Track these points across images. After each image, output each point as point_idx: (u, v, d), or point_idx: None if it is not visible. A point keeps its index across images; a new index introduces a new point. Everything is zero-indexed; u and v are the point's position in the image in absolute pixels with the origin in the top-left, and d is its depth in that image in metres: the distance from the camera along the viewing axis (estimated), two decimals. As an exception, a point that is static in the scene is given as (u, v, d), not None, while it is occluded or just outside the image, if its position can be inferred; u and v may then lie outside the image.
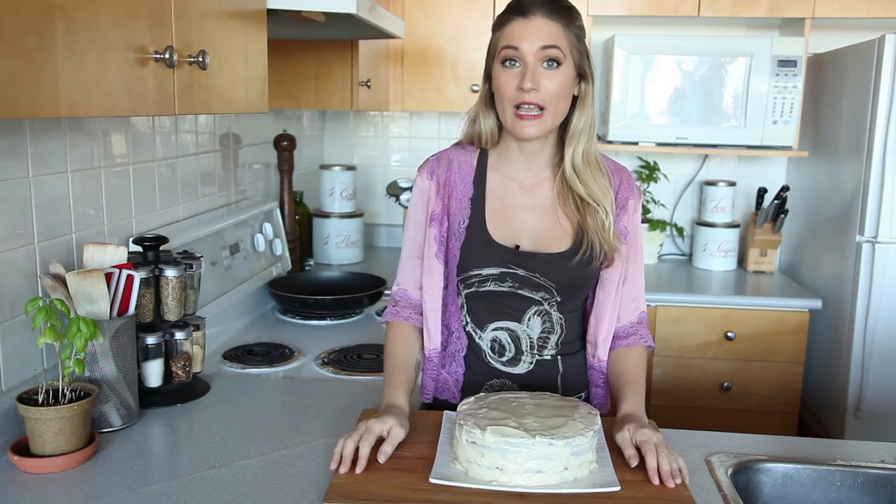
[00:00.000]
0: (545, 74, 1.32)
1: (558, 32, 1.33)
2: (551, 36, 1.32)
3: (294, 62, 2.47)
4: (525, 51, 1.32)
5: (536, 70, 1.32)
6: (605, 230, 1.39)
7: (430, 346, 1.47)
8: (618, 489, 1.14)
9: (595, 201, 1.39)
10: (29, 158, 1.41)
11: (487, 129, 1.44)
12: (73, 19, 1.00)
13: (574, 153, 1.39)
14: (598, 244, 1.40)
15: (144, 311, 1.56)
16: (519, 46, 1.32)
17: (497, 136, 1.45)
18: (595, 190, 1.39)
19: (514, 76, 1.33)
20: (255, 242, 2.34)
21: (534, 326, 1.44)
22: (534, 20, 1.32)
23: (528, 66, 1.32)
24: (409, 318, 1.48)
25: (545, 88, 1.32)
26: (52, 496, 1.20)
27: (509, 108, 1.34)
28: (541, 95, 1.32)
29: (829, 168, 2.81)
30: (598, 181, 1.40)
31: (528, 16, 1.32)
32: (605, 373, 1.48)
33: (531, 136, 1.35)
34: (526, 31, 1.32)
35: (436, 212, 1.45)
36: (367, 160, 3.42)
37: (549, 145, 1.43)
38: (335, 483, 1.16)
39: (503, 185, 1.45)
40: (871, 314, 2.51)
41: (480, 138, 1.46)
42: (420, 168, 1.49)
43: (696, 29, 3.15)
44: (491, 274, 1.41)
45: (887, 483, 1.34)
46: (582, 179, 1.39)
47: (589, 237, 1.40)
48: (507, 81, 1.34)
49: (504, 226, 1.43)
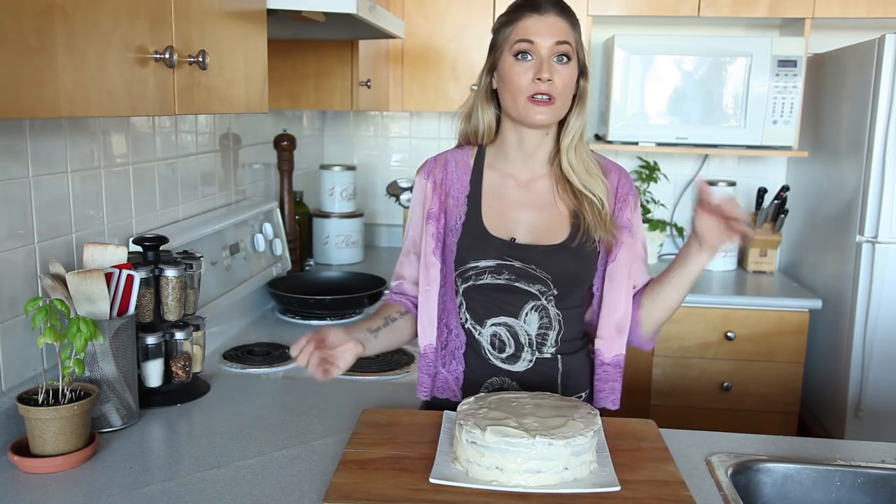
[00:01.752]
0: (556, 68, 1.38)
1: (568, 30, 1.39)
2: (564, 32, 1.39)
3: (294, 62, 2.47)
4: (540, 45, 1.37)
5: (550, 63, 1.38)
6: (602, 217, 1.43)
7: (425, 342, 1.50)
8: (618, 489, 1.14)
9: (591, 192, 1.43)
10: (29, 158, 1.41)
11: (485, 123, 1.48)
12: (73, 19, 1.00)
13: (570, 146, 1.44)
14: (594, 231, 1.43)
15: (144, 311, 1.56)
16: (535, 41, 1.37)
17: (494, 131, 1.49)
18: (587, 179, 1.43)
19: (528, 68, 1.38)
20: (255, 242, 2.34)
21: (531, 322, 1.45)
22: (548, 17, 1.38)
23: (543, 58, 1.37)
24: (407, 306, 1.54)
25: (557, 81, 1.38)
26: (52, 496, 1.20)
27: (522, 97, 1.38)
28: (553, 86, 1.37)
29: (829, 168, 2.81)
30: (591, 171, 1.45)
31: (542, 13, 1.39)
32: (622, 366, 1.50)
33: (542, 122, 1.39)
34: (541, 26, 1.38)
35: (432, 210, 1.48)
36: (367, 160, 3.42)
37: (547, 143, 1.46)
38: (335, 483, 1.16)
39: (500, 182, 1.48)
40: (871, 314, 2.51)
41: (477, 133, 1.49)
42: (419, 170, 1.53)
43: (696, 29, 3.15)
44: (487, 266, 1.43)
45: (887, 483, 1.34)
46: (576, 171, 1.44)
47: (586, 223, 1.43)
48: (522, 73, 1.38)
49: (500, 220, 1.46)
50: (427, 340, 1.49)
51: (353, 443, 1.30)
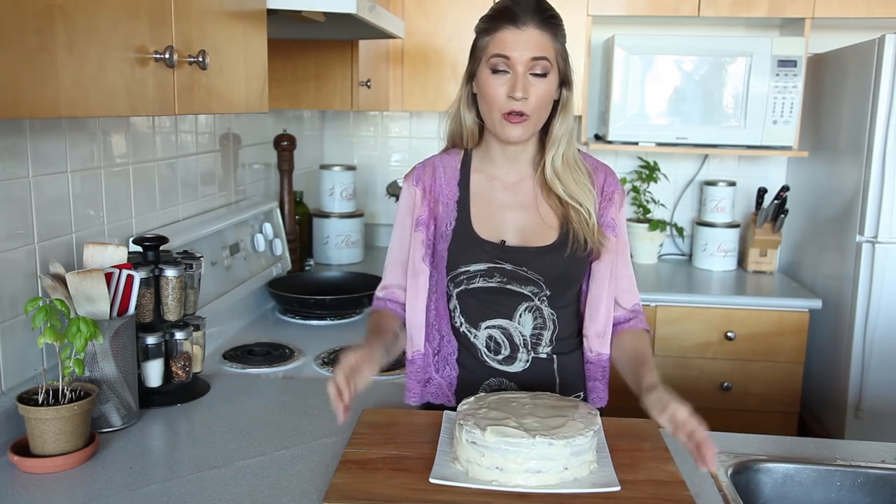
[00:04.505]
0: (533, 83, 1.35)
1: (547, 43, 1.36)
2: (542, 47, 1.35)
3: (294, 62, 2.47)
4: (516, 60, 1.34)
5: (525, 79, 1.34)
6: (589, 227, 1.42)
7: (413, 349, 1.50)
8: (618, 489, 1.14)
9: (576, 201, 1.42)
10: (29, 158, 1.41)
11: (468, 128, 1.47)
12: (73, 19, 1.00)
13: (554, 157, 1.42)
14: (582, 238, 1.42)
15: (144, 311, 1.56)
16: (510, 56, 1.34)
17: (477, 136, 1.48)
18: (575, 189, 1.42)
19: (503, 83, 1.35)
20: (255, 242, 2.34)
21: (525, 323, 1.45)
22: (525, 31, 1.34)
23: (519, 75, 1.34)
24: (395, 311, 1.53)
25: (532, 96, 1.35)
26: (52, 496, 1.20)
27: (497, 113, 1.37)
28: (527, 104, 1.35)
29: (829, 168, 2.81)
30: (579, 181, 1.43)
31: (519, 26, 1.34)
32: (606, 366, 1.50)
33: (517, 138, 1.38)
34: (517, 41, 1.34)
35: (422, 216, 1.47)
36: (367, 160, 3.42)
37: (530, 147, 1.46)
38: (335, 483, 1.16)
39: (486, 185, 1.48)
40: (871, 314, 2.51)
41: (462, 137, 1.48)
42: (406, 176, 1.52)
43: (695, 29, 3.15)
44: (479, 270, 1.43)
45: (887, 483, 1.34)
46: (562, 180, 1.42)
47: (573, 229, 1.42)
48: (497, 88, 1.36)
49: (489, 223, 1.45)
50: (415, 347, 1.49)
51: (352, 443, 1.30)
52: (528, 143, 1.44)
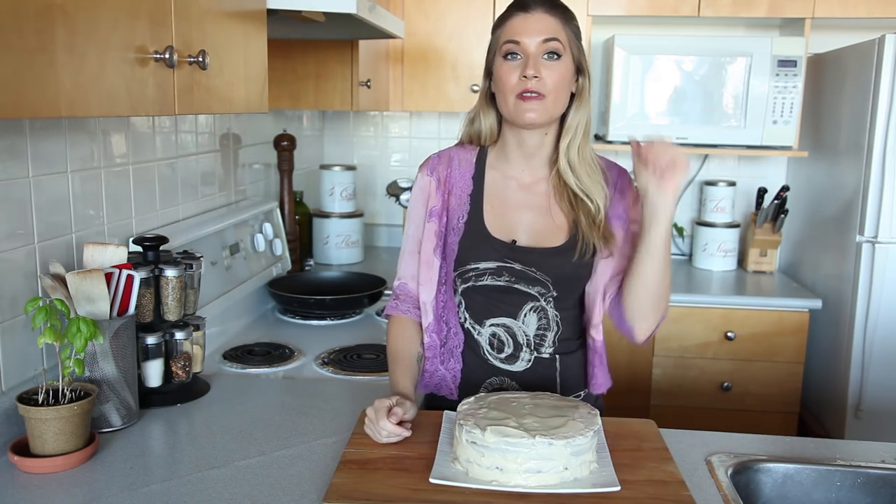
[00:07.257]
0: (546, 65, 1.36)
1: (558, 26, 1.37)
2: (552, 29, 1.36)
3: (294, 62, 2.47)
4: (526, 44, 1.36)
5: (538, 61, 1.36)
6: (596, 224, 1.42)
7: (425, 339, 1.49)
8: (618, 489, 1.14)
9: (587, 195, 1.41)
10: (29, 158, 1.41)
11: (487, 127, 1.48)
12: (73, 19, 1.00)
13: (570, 146, 1.42)
14: (589, 239, 1.41)
15: (144, 311, 1.56)
16: (521, 40, 1.36)
17: (496, 134, 1.49)
18: (588, 183, 1.42)
19: (516, 67, 1.37)
20: (255, 242, 2.34)
21: (530, 323, 1.45)
22: (534, 14, 1.36)
23: (531, 56, 1.35)
24: (409, 312, 1.51)
25: (546, 78, 1.36)
26: (52, 496, 1.20)
27: (511, 96, 1.37)
28: (543, 83, 1.36)
29: (829, 168, 2.81)
30: (592, 176, 1.43)
31: (528, 10, 1.37)
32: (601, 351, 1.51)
33: (532, 120, 1.37)
34: (527, 25, 1.36)
35: (435, 207, 1.47)
36: (367, 160, 3.42)
37: (547, 143, 1.45)
38: (335, 483, 1.16)
39: (501, 183, 1.48)
40: (871, 314, 2.51)
41: (480, 136, 1.49)
42: (421, 166, 1.52)
43: (696, 29, 3.15)
44: (488, 268, 1.43)
45: (887, 483, 1.34)
46: (576, 172, 1.42)
47: (582, 232, 1.42)
48: (510, 73, 1.37)
49: (502, 222, 1.45)
50: (426, 337, 1.49)
51: (353, 443, 1.30)
52: (545, 139, 1.44)
